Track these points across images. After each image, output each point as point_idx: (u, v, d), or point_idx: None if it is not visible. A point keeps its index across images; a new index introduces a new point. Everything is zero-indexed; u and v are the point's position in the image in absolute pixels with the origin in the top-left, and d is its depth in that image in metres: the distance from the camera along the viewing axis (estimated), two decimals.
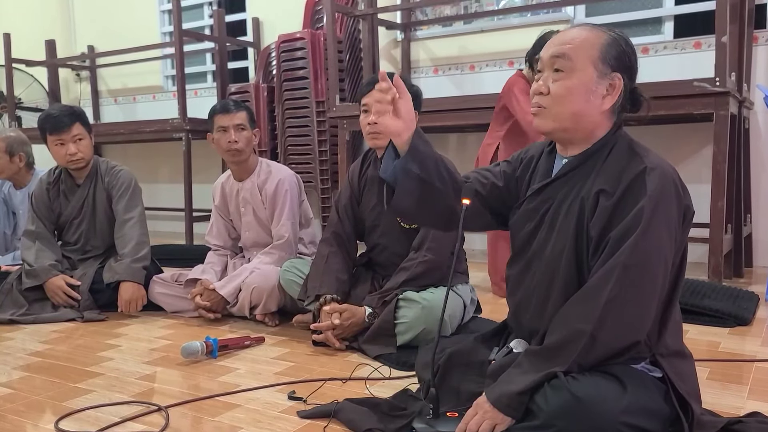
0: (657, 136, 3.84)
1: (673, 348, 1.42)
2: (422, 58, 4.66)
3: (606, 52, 1.37)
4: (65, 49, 6.27)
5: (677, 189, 1.35)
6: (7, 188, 3.58)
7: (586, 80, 1.37)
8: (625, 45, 1.40)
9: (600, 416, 1.23)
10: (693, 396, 1.40)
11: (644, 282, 1.30)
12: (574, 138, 1.44)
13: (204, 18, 5.81)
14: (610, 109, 1.42)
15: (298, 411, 1.69)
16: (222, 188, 2.96)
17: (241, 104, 2.84)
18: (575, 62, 1.37)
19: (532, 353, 1.35)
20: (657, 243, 1.31)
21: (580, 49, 1.37)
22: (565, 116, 1.40)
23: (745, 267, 3.54)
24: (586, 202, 1.39)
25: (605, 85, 1.38)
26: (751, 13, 3.47)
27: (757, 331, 2.40)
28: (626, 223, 1.31)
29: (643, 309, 1.31)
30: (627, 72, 1.41)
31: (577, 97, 1.38)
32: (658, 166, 1.35)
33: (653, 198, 1.31)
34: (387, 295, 2.25)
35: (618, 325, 1.29)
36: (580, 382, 1.27)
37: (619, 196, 1.34)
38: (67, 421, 1.67)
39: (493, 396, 1.32)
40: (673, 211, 1.34)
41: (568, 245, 1.41)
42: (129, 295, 2.81)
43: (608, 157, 1.41)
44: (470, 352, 1.59)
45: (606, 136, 1.43)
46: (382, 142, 2.33)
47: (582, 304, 1.31)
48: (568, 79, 1.38)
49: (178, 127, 4.87)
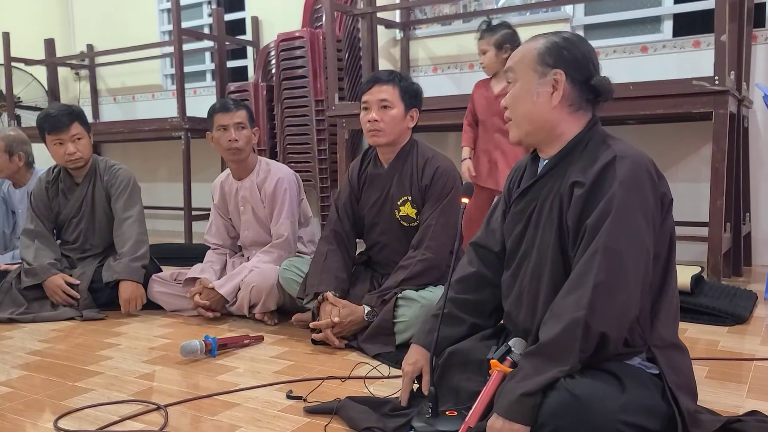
0: (656, 134, 3.84)
1: (669, 340, 1.42)
2: (421, 56, 4.66)
3: (542, 54, 1.45)
4: (64, 48, 6.26)
5: (651, 176, 1.36)
6: (7, 187, 3.57)
7: (527, 84, 1.46)
8: (562, 41, 1.45)
9: (598, 415, 1.23)
10: (685, 389, 1.40)
11: (626, 266, 1.31)
12: (543, 140, 1.50)
13: (203, 17, 5.81)
14: (567, 106, 1.45)
15: (305, 406, 1.70)
16: (221, 187, 2.96)
17: (240, 103, 2.84)
18: (517, 72, 1.49)
19: (532, 355, 1.34)
20: (634, 227, 1.32)
21: (520, 60, 1.49)
22: (521, 121, 1.49)
23: (744, 266, 3.54)
24: (563, 197, 1.43)
25: (549, 83, 1.44)
26: (751, 12, 3.46)
27: (756, 330, 2.41)
28: (600, 210, 1.33)
29: (629, 294, 1.31)
30: (570, 65, 1.44)
31: (522, 101, 1.47)
32: (629, 154, 1.37)
33: (624, 184, 1.33)
34: (386, 294, 2.25)
35: (609, 311, 1.29)
36: (577, 381, 1.26)
37: (590, 184, 1.37)
38: (66, 420, 1.68)
39: (502, 408, 1.29)
40: (648, 198, 1.35)
41: (552, 242, 1.44)
42: (129, 294, 2.81)
43: (583, 151, 1.45)
44: (469, 351, 1.59)
45: (580, 133, 1.47)
46: (381, 140, 2.33)
47: (571, 293, 1.32)
48: (513, 88, 1.50)
49: (177, 126, 4.87)
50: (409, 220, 2.36)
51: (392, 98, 2.31)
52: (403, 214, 2.36)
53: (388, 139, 2.33)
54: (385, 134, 2.32)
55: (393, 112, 2.31)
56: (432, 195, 2.30)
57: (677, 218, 4.29)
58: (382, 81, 2.33)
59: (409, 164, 2.36)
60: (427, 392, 1.51)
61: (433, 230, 2.26)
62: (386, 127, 2.30)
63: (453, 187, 2.29)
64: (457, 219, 1.82)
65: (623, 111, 3.16)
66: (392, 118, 2.30)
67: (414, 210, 2.34)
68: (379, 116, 2.30)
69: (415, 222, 2.35)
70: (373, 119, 2.30)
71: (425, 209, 2.31)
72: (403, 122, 2.33)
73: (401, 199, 2.36)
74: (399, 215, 2.36)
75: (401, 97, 2.32)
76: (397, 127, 2.32)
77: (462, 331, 1.64)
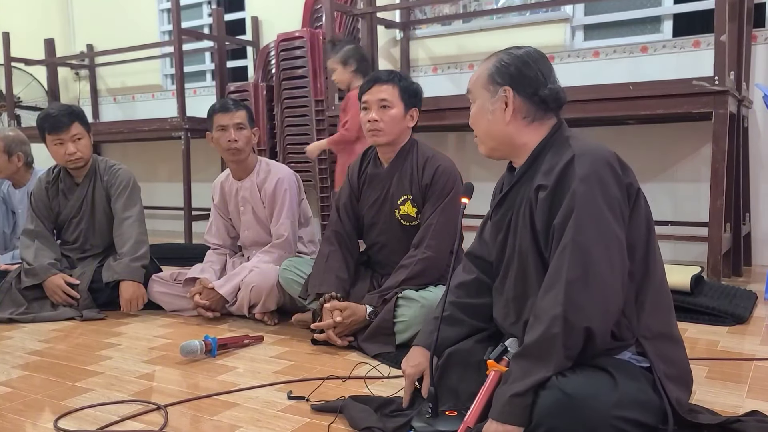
0: (656, 135, 3.84)
1: (657, 330, 1.42)
2: (421, 57, 4.66)
3: (492, 74, 1.52)
4: (64, 48, 6.26)
5: (613, 168, 1.38)
6: (7, 187, 3.57)
7: (482, 103, 1.55)
8: (508, 59, 1.51)
9: (593, 412, 1.23)
10: (676, 380, 1.40)
11: (597, 258, 1.31)
12: (509, 153, 1.56)
13: (203, 17, 5.81)
14: (522, 118, 1.50)
15: (311, 404, 1.70)
16: (221, 187, 2.96)
17: (240, 103, 2.84)
18: (473, 93, 1.58)
19: (519, 357, 1.34)
20: (599, 219, 1.33)
21: (475, 81, 1.57)
22: (484, 138, 1.57)
23: (744, 266, 3.54)
24: (532, 201, 1.46)
25: (500, 100, 1.51)
26: (750, 12, 3.46)
27: (756, 330, 2.40)
28: (564, 208, 1.36)
29: (605, 286, 1.31)
30: (516, 81, 1.50)
31: (479, 119, 1.56)
32: (588, 151, 1.40)
33: (585, 179, 1.35)
34: (386, 294, 2.25)
35: (587, 304, 1.29)
36: (569, 379, 1.26)
37: (552, 185, 1.40)
38: (66, 420, 1.68)
39: (496, 412, 1.30)
40: (612, 189, 1.36)
41: (529, 246, 1.47)
42: (129, 294, 2.81)
43: (546, 156, 1.48)
44: (469, 351, 1.60)
45: (543, 140, 1.51)
46: (381, 140, 2.34)
47: (548, 292, 1.33)
48: (473, 108, 1.58)
49: (177, 126, 4.87)
50: (410, 219, 2.36)
51: (392, 98, 2.31)
52: (403, 213, 2.36)
53: (388, 139, 2.34)
54: (384, 134, 2.32)
55: (392, 112, 2.31)
56: (433, 194, 2.30)
57: (677, 218, 4.27)
58: (382, 81, 2.33)
59: (410, 163, 2.36)
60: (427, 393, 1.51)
61: (434, 229, 2.27)
62: (386, 126, 2.31)
63: (453, 187, 2.30)
64: (457, 218, 1.83)
65: (623, 111, 3.15)
66: (392, 118, 2.31)
67: (414, 209, 2.35)
68: (378, 116, 2.30)
69: (416, 221, 2.35)
70: (372, 119, 2.30)
71: (426, 208, 2.32)
72: (402, 122, 2.34)
73: (401, 198, 2.36)
74: (399, 214, 2.37)
75: (401, 96, 2.32)
76: (397, 127, 2.33)
77: (463, 332, 1.66)
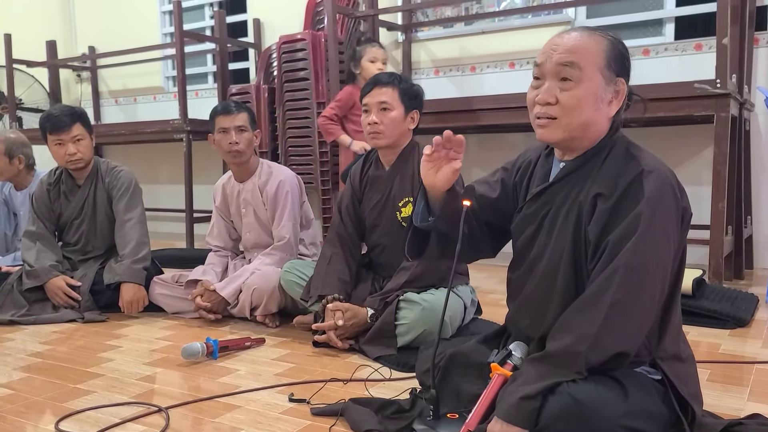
0: (658, 137, 3.84)
1: (671, 352, 1.41)
2: (423, 59, 4.67)
3: (609, 57, 1.36)
4: (66, 50, 6.27)
5: (674, 192, 1.34)
6: (8, 189, 3.58)
7: (594, 89, 1.35)
8: (622, 48, 1.40)
9: (600, 420, 1.23)
10: (694, 398, 1.40)
11: (645, 286, 1.29)
12: (579, 146, 1.42)
13: (205, 19, 5.82)
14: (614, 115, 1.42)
15: (311, 408, 1.70)
16: (223, 189, 2.96)
17: (242, 105, 2.84)
18: (584, 71, 1.34)
19: (537, 360, 1.33)
20: (656, 247, 1.30)
21: (586, 57, 1.34)
22: (575, 126, 1.37)
23: (745, 269, 3.54)
24: (583, 206, 1.39)
25: (611, 91, 1.38)
26: (752, 15, 3.47)
27: (758, 333, 2.40)
28: (625, 227, 1.30)
29: (644, 314, 1.30)
30: (627, 75, 1.41)
31: (587, 106, 1.35)
32: (656, 168, 1.34)
33: (651, 201, 1.30)
34: (388, 297, 2.25)
35: (622, 330, 1.28)
36: (580, 386, 1.26)
37: (616, 199, 1.33)
38: (68, 422, 1.68)
39: (502, 412, 1.28)
40: (671, 215, 1.33)
41: (566, 250, 1.41)
42: (130, 296, 2.81)
43: (606, 160, 1.40)
44: (471, 353, 1.59)
45: (604, 139, 1.42)
46: (381, 142, 2.34)
47: (586, 309, 1.30)
48: (578, 89, 1.35)
49: (178, 128, 4.87)
50: None
51: (392, 100, 2.31)
52: (405, 216, 2.36)
53: (389, 141, 2.34)
54: (385, 136, 2.32)
55: (393, 114, 2.31)
56: None
57: None
58: (382, 83, 2.33)
59: (411, 165, 2.36)
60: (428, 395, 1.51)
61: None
62: (386, 129, 2.31)
63: None
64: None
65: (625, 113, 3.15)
66: (392, 120, 2.31)
67: None
68: (378, 118, 2.30)
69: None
70: (373, 121, 2.31)
71: None
72: (403, 124, 2.34)
73: (403, 201, 2.36)
74: (401, 216, 2.36)
75: (401, 98, 2.32)
76: (397, 129, 2.33)
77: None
